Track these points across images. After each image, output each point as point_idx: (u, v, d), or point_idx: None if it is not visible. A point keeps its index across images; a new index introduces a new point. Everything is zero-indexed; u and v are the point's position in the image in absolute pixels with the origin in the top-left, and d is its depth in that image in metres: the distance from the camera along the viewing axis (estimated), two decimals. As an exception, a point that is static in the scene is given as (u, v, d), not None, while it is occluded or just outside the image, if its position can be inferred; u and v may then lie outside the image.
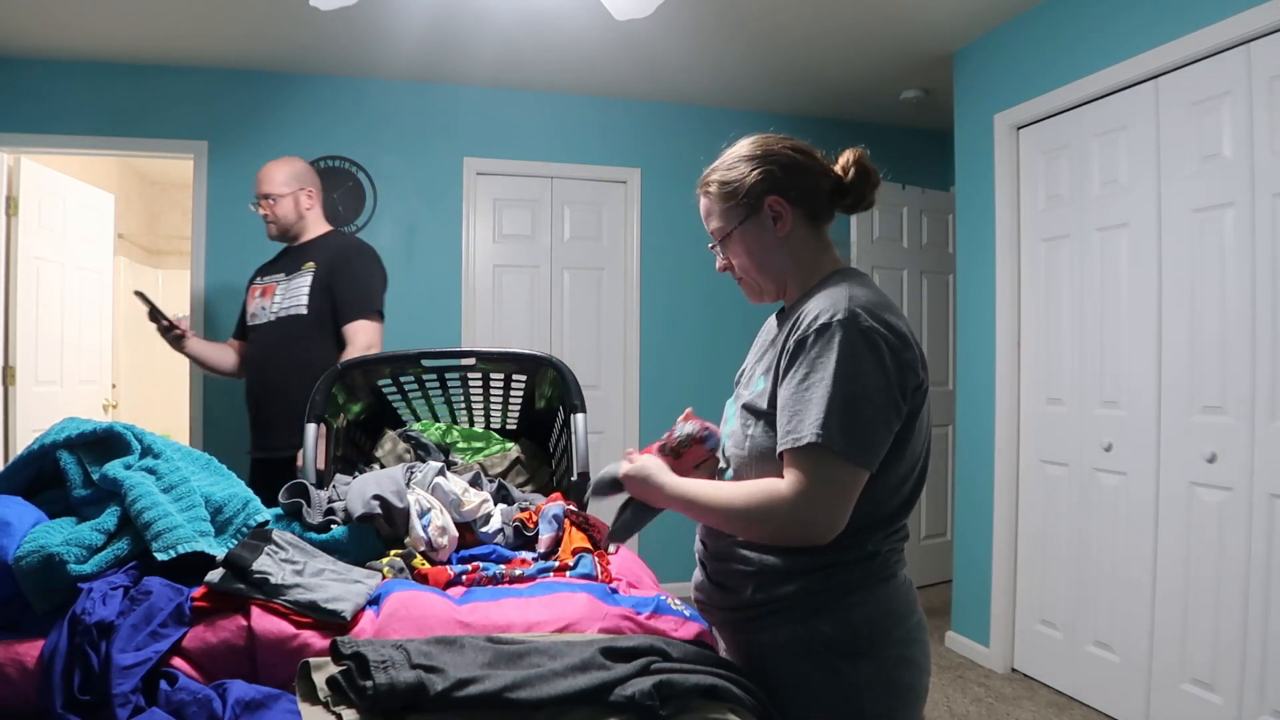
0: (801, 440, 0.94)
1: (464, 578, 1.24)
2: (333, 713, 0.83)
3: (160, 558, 1.01)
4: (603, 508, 1.19)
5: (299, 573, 1.06)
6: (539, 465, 2.06)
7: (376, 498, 1.29)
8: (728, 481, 1.10)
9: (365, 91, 3.62)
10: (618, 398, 3.93)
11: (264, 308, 2.41)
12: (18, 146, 3.31)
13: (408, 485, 1.39)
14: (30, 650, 0.90)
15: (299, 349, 2.32)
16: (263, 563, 1.03)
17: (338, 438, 1.96)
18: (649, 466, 1.12)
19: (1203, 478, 2.23)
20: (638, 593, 1.24)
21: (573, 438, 1.83)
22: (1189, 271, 2.29)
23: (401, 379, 2.06)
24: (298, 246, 2.48)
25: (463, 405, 2.18)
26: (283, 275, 2.42)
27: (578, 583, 1.20)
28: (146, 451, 1.18)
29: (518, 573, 1.25)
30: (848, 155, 1.12)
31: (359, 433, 2.09)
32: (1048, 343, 2.82)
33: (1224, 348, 2.18)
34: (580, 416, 1.84)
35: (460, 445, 2.06)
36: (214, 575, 1.01)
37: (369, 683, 0.83)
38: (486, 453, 2.05)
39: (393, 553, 1.27)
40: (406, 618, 1.02)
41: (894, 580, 1.05)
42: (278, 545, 1.11)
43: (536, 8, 2.83)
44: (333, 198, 3.57)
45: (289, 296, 2.35)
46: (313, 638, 0.96)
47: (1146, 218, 2.42)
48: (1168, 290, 2.35)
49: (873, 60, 3.37)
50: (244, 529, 1.17)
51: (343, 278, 2.33)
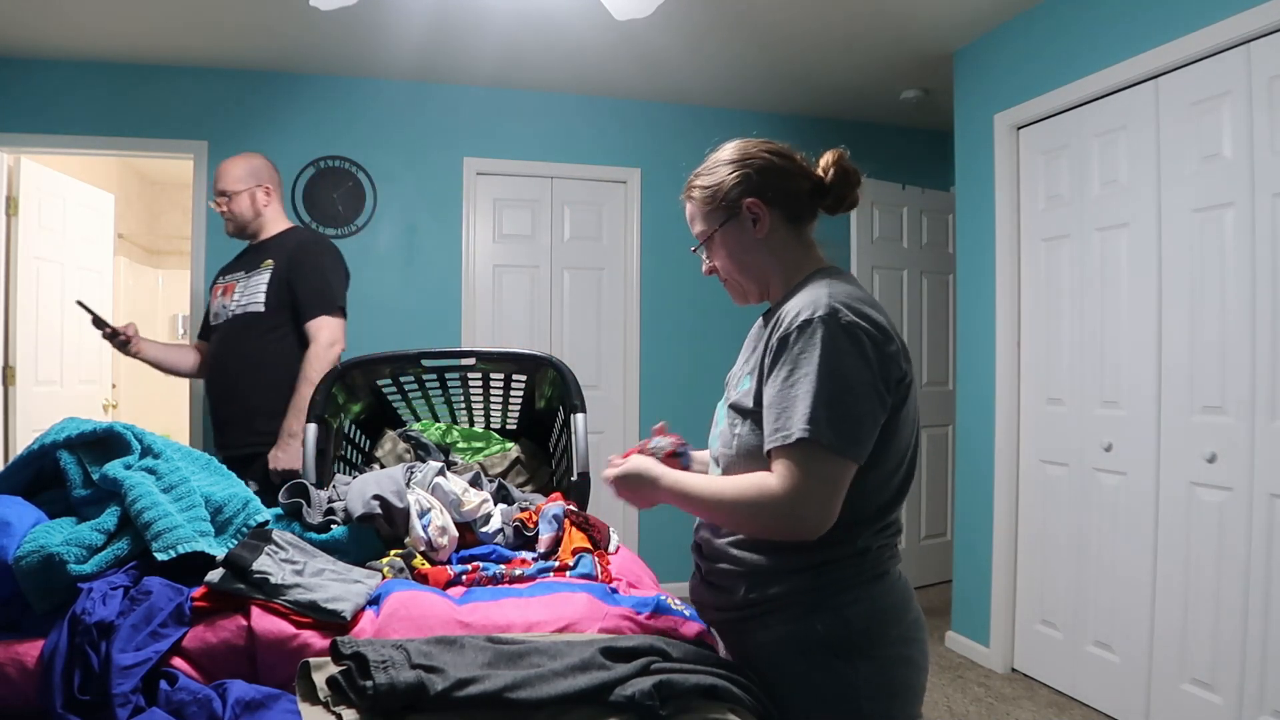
0: (791, 436, 0.95)
1: (464, 578, 1.24)
2: (333, 713, 0.83)
3: (160, 558, 1.01)
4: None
5: (299, 573, 1.06)
6: (539, 465, 2.06)
7: (376, 498, 1.29)
8: (721, 476, 1.11)
9: (365, 91, 3.62)
10: (618, 398, 3.93)
11: (225, 306, 2.36)
12: (18, 146, 3.31)
13: (408, 485, 1.39)
14: (30, 650, 0.90)
15: (256, 347, 2.28)
16: (263, 563, 1.03)
17: (337, 438, 1.96)
18: (640, 463, 1.13)
19: (1203, 478, 2.23)
20: (638, 593, 1.24)
21: (573, 438, 1.83)
22: (1189, 271, 2.29)
23: (401, 379, 2.06)
24: (258, 244, 2.43)
25: (463, 405, 2.18)
26: (243, 273, 2.38)
27: (578, 583, 1.20)
28: (146, 451, 1.18)
29: (518, 573, 1.25)
30: (828, 156, 1.14)
31: (359, 433, 2.09)
32: (1048, 343, 2.82)
33: (1224, 348, 2.18)
34: (580, 416, 1.84)
35: (460, 445, 2.06)
36: (214, 575, 1.01)
37: (369, 683, 0.83)
38: (486, 453, 2.05)
39: (393, 553, 1.27)
40: (406, 618, 1.02)
41: (887, 577, 1.05)
42: (278, 545, 1.11)
43: (536, 8, 2.84)
44: (333, 198, 3.58)
45: (247, 294, 2.31)
46: (313, 638, 0.96)
47: (1146, 218, 2.42)
48: (1168, 290, 2.36)
49: (873, 60, 3.37)
50: (244, 529, 1.17)
51: (301, 275, 2.28)
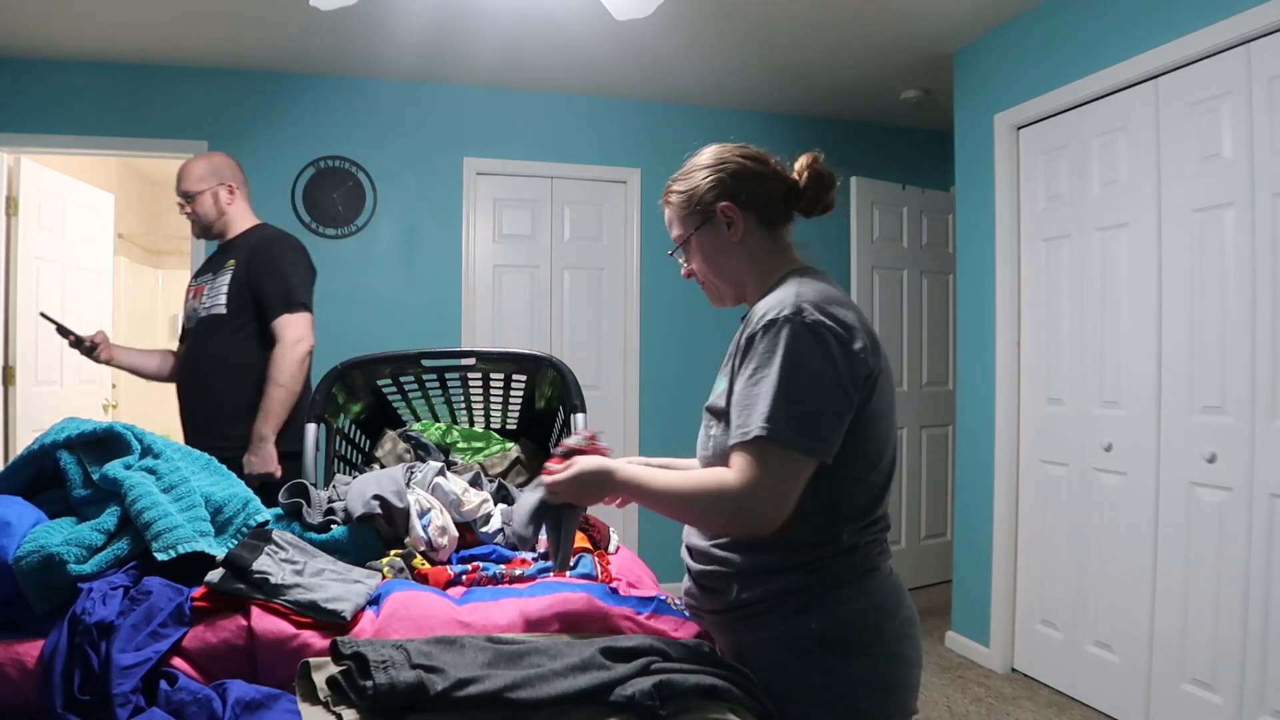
0: (750, 433, 0.97)
1: (464, 578, 1.24)
2: (333, 713, 0.83)
3: (160, 558, 1.01)
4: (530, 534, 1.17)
5: (299, 573, 1.06)
6: (539, 465, 2.06)
7: (376, 498, 1.29)
8: (677, 471, 1.11)
9: (365, 91, 3.62)
10: (618, 398, 3.92)
11: (195, 309, 2.30)
12: (18, 146, 3.31)
13: (408, 485, 1.40)
14: (30, 650, 0.90)
15: (222, 350, 2.21)
16: (263, 563, 1.03)
17: (337, 437, 1.96)
18: (591, 462, 1.10)
19: (1203, 478, 2.23)
20: (638, 593, 1.24)
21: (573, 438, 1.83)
22: (1189, 271, 2.29)
23: (401, 379, 2.06)
24: (225, 244, 2.37)
25: (463, 405, 2.18)
26: (210, 275, 2.32)
27: (578, 583, 1.21)
28: (146, 451, 1.18)
29: (518, 573, 1.25)
30: (802, 160, 1.16)
31: (359, 432, 2.09)
32: (1048, 343, 2.82)
33: (1224, 348, 2.18)
34: (580, 416, 1.85)
35: (460, 445, 2.06)
36: (214, 575, 1.01)
37: (369, 683, 0.83)
38: (486, 453, 2.05)
39: (393, 553, 1.27)
40: (406, 618, 1.02)
41: (878, 573, 1.06)
42: (278, 545, 1.11)
43: (537, 8, 2.84)
44: (333, 198, 3.58)
45: (211, 296, 2.25)
46: (313, 638, 0.96)
47: (1146, 218, 2.42)
48: (1168, 290, 2.35)
49: (873, 60, 3.37)
50: (244, 529, 1.17)
51: (261, 274, 2.21)
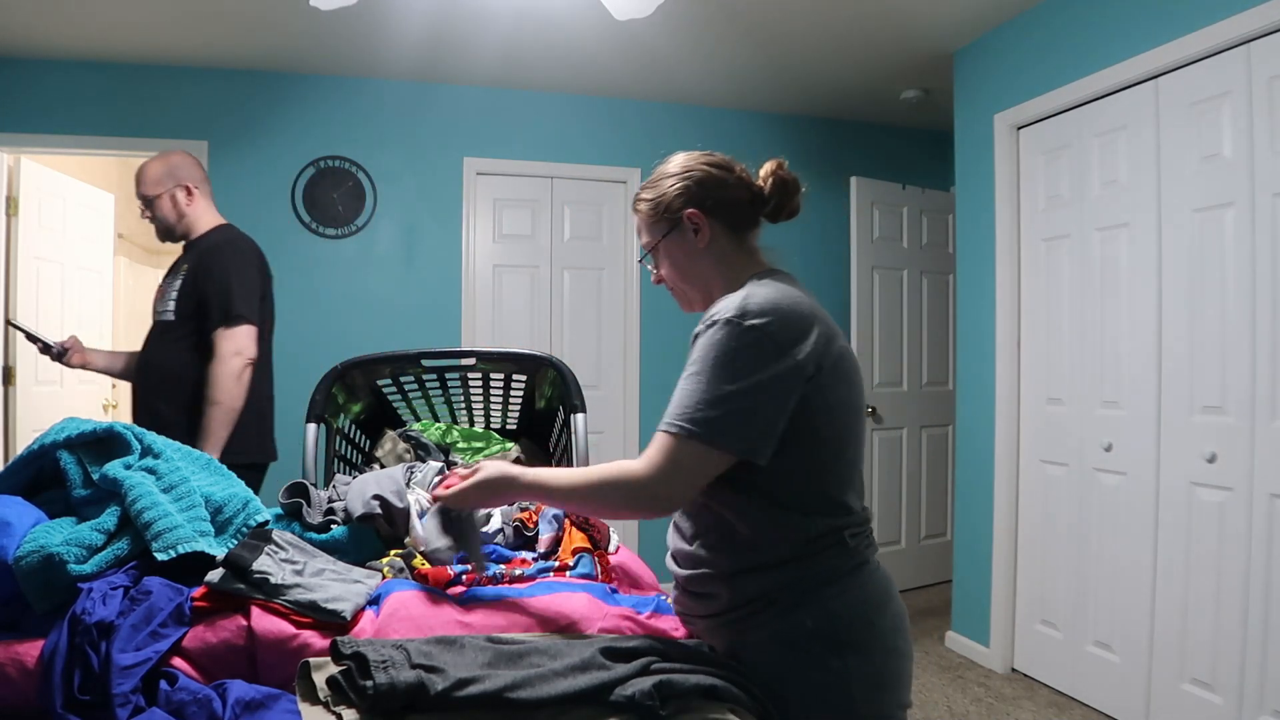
0: (665, 425, 1.01)
1: (464, 578, 1.24)
2: (333, 713, 0.83)
3: (160, 558, 1.01)
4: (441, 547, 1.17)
5: (299, 573, 1.06)
6: (539, 465, 2.06)
7: (376, 498, 1.29)
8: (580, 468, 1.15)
9: (365, 91, 3.62)
10: (618, 398, 3.92)
11: (155, 313, 2.22)
12: (18, 146, 3.31)
13: (408, 485, 1.40)
14: (30, 650, 0.90)
15: (166, 357, 2.11)
16: (263, 563, 1.03)
17: (337, 437, 1.96)
18: (493, 468, 1.12)
19: (1203, 478, 2.23)
20: (638, 593, 1.24)
21: (573, 438, 1.83)
22: (1189, 271, 2.29)
23: (401, 379, 2.06)
24: (186, 246, 2.25)
25: (463, 405, 2.18)
26: (170, 278, 2.23)
27: (578, 583, 1.20)
28: (146, 451, 1.18)
29: (518, 572, 1.25)
30: (767, 166, 1.19)
31: (359, 432, 2.09)
32: (1048, 343, 2.82)
33: (1224, 348, 2.18)
34: (580, 416, 1.85)
35: (460, 445, 2.07)
36: (214, 575, 1.01)
37: (369, 682, 0.83)
38: (486, 453, 2.05)
39: (393, 553, 1.27)
40: (406, 618, 1.02)
41: (866, 567, 1.07)
42: (278, 545, 1.11)
43: (537, 8, 2.84)
44: (333, 198, 3.58)
45: (164, 301, 2.17)
46: (313, 638, 0.96)
47: (1146, 218, 2.42)
48: (1168, 290, 2.35)
49: (873, 60, 3.37)
50: (244, 529, 1.17)
51: (204, 282, 2.09)
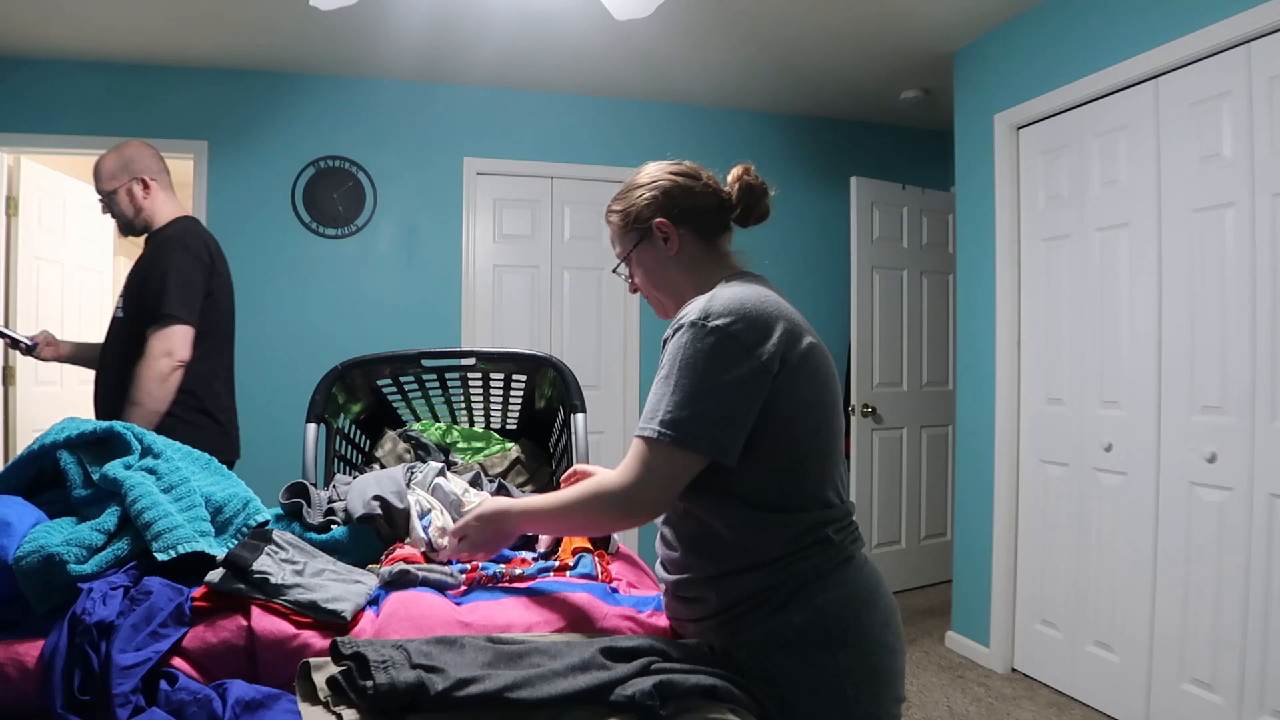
0: (640, 431, 1.02)
1: (464, 578, 1.24)
2: (333, 713, 0.83)
3: (160, 558, 1.01)
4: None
5: (299, 573, 1.06)
6: (539, 465, 2.06)
7: (377, 498, 1.29)
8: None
9: (365, 91, 3.62)
10: (618, 398, 3.92)
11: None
12: (18, 146, 3.31)
13: (408, 485, 1.39)
14: (30, 650, 0.90)
15: (111, 355, 2.02)
16: (263, 563, 1.03)
17: (337, 437, 1.96)
18: (488, 505, 1.15)
19: (1203, 478, 2.23)
20: (638, 593, 1.24)
21: (573, 438, 1.83)
22: (1189, 271, 2.29)
23: (401, 379, 2.06)
24: (146, 240, 2.15)
25: (463, 405, 2.18)
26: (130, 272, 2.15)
27: (578, 583, 1.21)
28: (146, 451, 1.18)
29: (518, 572, 1.25)
30: (734, 171, 1.21)
31: (359, 432, 2.09)
32: (1048, 343, 2.82)
33: (1224, 348, 2.18)
34: (580, 416, 1.85)
35: (460, 445, 2.06)
36: (214, 575, 1.01)
37: (369, 683, 0.83)
38: (486, 453, 2.05)
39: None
40: (406, 618, 1.02)
41: (853, 562, 1.07)
42: (278, 545, 1.11)
43: (537, 8, 2.84)
44: (333, 198, 3.58)
45: (120, 297, 2.08)
46: (313, 638, 0.96)
47: (1146, 218, 2.42)
48: (1168, 290, 2.36)
49: (873, 60, 3.37)
50: (244, 529, 1.17)
51: (148, 276, 1.99)
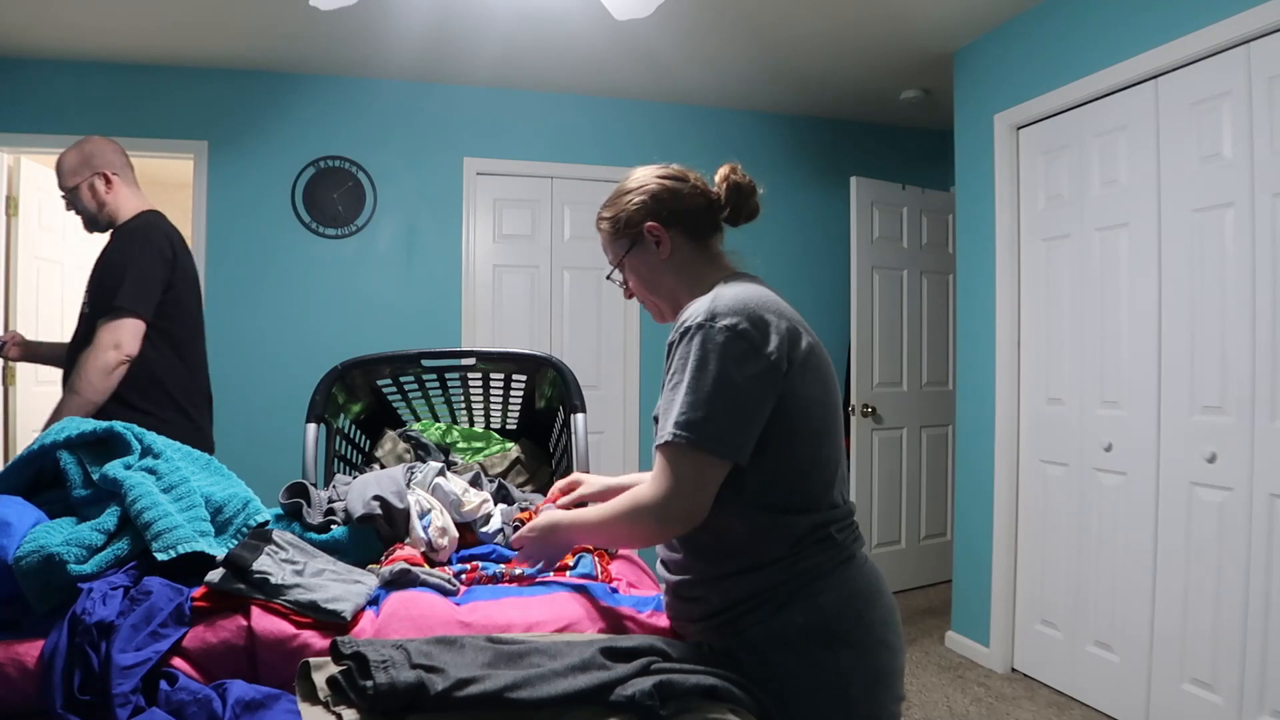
0: (662, 438, 1.02)
1: (464, 577, 1.24)
2: (333, 713, 0.83)
3: (160, 558, 1.01)
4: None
5: (299, 573, 1.06)
6: (539, 465, 2.06)
7: (377, 498, 1.29)
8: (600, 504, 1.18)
9: (365, 91, 3.62)
10: (618, 398, 3.92)
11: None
12: (18, 146, 3.31)
13: (408, 486, 1.40)
14: (30, 650, 0.90)
15: (76, 352, 1.97)
16: (263, 563, 1.03)
17: (337, 437, 1.96)
18: (544, 518, 1.17)
19: (1203, 478, 2.23)
20: (638, 593, 1.24)
21: (573, 438, 1.83)
22: (1189, 271, 2.29)
23: (401, 379, 2.06)
24: (112, 235, 2.09)
25: (463, 405, 2.18)
26: None
27: (578, 582, 1.21)
28: (146, 451, 1.18)
29: (517, 572, 1.25)
30: (721, 171, 1.22)
31: (359, 432, 2.09)
32: (1048, 343, 2.82)
33: (1224, 348, 2.18)
34: (580, 416, 1.85)
35: (460, 445, 2.06)
36: (214, 575, 1.01)
37: (369, 682, 0.83)
38: (486, 453, 2.05)
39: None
40: (406, 618, 1.02)
41: (854, 561, 1.07)
42: (278, 545, 1.11)
43: (537, 8, 2.83)
44: (333, 198, 3.58)
45: (85, 293, 2.04)
46: (313, 638, 0.96)
47: (1146, 218, 2.42)
48: (1168, 290, 2.35)
49: (873, 60, 3.37)
50: (244, 529, 1.17)
51: (105, 269, 1.96)
